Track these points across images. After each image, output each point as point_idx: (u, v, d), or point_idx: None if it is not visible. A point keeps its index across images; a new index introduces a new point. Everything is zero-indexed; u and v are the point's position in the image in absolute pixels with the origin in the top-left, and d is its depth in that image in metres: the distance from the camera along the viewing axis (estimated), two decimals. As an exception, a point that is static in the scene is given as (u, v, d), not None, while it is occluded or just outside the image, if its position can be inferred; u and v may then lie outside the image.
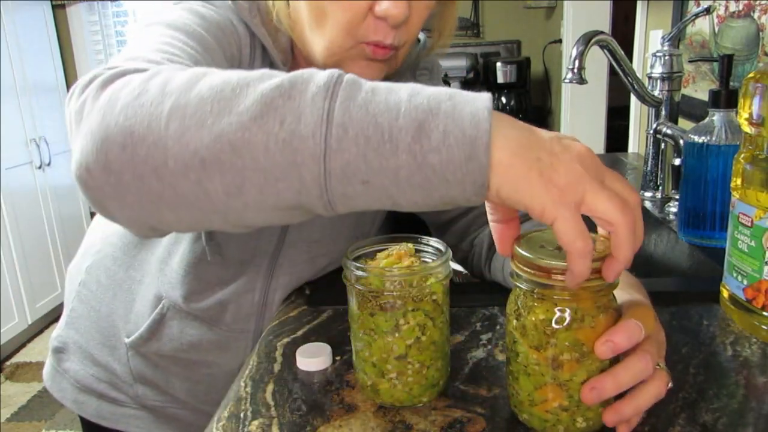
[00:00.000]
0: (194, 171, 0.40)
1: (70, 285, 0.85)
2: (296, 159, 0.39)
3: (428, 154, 0.38)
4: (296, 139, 0.38)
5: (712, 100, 0.82)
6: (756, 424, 0.48)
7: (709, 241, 0.84)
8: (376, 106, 0.39)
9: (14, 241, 2.84)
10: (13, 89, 2.91)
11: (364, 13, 0.61)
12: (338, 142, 0.38)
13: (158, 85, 0.42)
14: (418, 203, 0.40)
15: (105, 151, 0.41)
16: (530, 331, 0.45)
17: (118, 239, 0.78)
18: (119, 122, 0.41)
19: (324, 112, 0.39)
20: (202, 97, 0.40)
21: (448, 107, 0.39)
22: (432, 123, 0.38)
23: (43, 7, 3.19)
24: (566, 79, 0.97)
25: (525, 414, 0.48)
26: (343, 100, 0.39)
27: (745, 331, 0.62)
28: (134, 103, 0.41)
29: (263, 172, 0.39)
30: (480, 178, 0.38)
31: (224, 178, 0.40)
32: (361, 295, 0.50)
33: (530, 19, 2.94)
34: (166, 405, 0.81)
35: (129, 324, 0.78)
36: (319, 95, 0.39)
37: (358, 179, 0.39)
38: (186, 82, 0.42)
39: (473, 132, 0.38)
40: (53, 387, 0.85)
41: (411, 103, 0.39)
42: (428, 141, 0.38)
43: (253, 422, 0.51)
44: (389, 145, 0.38)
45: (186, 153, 0.40)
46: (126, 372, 0.80)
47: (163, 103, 0.41)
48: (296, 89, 0.40)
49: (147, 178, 0.41)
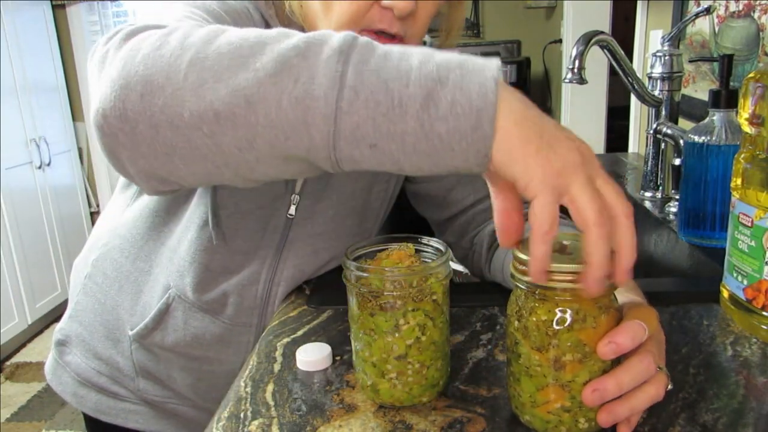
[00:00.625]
0: (208, 123, 0.41)
1: (76, 279, 0.85)
2: (307, 118, 0.40)
3: (435, 123, 0.39)
4: (308, 98, 0.39)
5: (712, 100, 0.82)
6: (756, 424, 0.48)
7: (709, 241, 0.84)
8: (388, 71, 0.40)
9: (14, 241, 2.84)
10: (13, 89, 2.91)
11: (369, 3, 0.62)
12: (349, 104, 0.39)
13: (178, 38, 0.43)
14: (423, 169, 0.41)
15: (123, 99, 0.42)
16: (532, 332, 0.45)
17: (126, 231, 0.79)
18: (139, 71, 0.42)
19: (337, 74, 0.39)
20: (221, 52, 0.42)
21: (456, 77, 0.39)
22: (441, 92, 0.39)
23: (43, 7, 3.19)
24: (566, 79, 0.97)
25: (527, 415, 0.47)
26: (356, 63, 0.40)
27: (745, 331, 0.62)
28: (155, 54, 0.43)
29: (275, 128, 0.40)
30: (483, 148, 0.39)
31: (237, 132, 0.41)
32: (361, 295, 0.50)
33: (530, 19, 2.94)
34: (167, 400, 0.81)
35: (134, 316, 0.78)
36: (333, 57, 0.40)
37: (366, 143, 0.40)
38: (205, 37, 0.43)
39: (480, 103, 0.38)
40: (54, 380, 0.86)
41: (421, 70, 0.40)
42: (436, 110, 0.39)
43: (253, 422, 0.51)
44: (398, 111, 0.39)
45: (202, 105, 0.41)
46: (129, 365, 0.80)
47: (182, 55, 0.42)
48: (311, 50, 0.41)
49: (162, 128, 0.42)
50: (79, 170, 3.44)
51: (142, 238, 0.77)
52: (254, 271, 0.74)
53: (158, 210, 0.76)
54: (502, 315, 0.68)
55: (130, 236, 0.78)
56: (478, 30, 3.00)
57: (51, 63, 3.23)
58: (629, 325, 0.43)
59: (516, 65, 2.52)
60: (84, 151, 3.51)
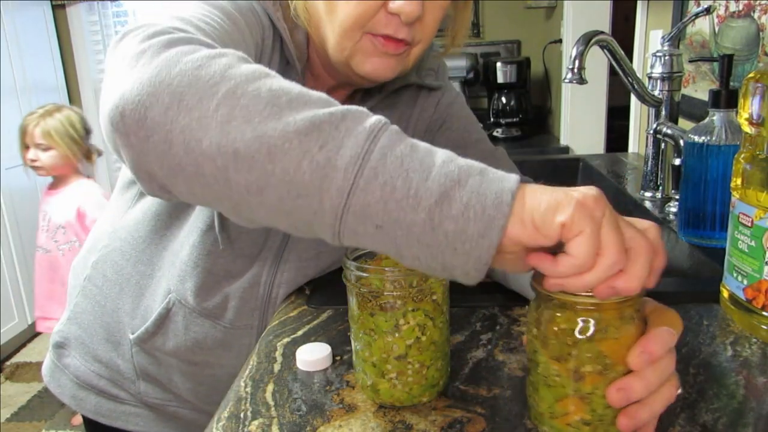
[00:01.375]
0: (224, 158, 0.41)
1: (74, 280, 0.85)
2: (323, 184, 0.40)
3: (445, 220, 0.39)
4: (329, 166, 0.40)
5: (712, 100, 0.82)
6: (756, 424, 0.48)
7: (709, 241, 0.84)
8: (411, 162, 0.40)
9: (14, 241, 2.84)
10: (13, 89, 2.91)
11: (376, 8, 0.62)
12: (366, 182, 0.39)
13: (222, 66, 0.43)
14: (419, 260, 0.41)
15: (147, 105, 0.42)
16: (551, 341, 0.43)
17: (127, 234, 0.78)
18: (173, 84, 0.42)
19: (362, 152, 0.40)
20: (259, 95, 0.42)
21: (475, 182, 0.40)
22: (457, 193, 0.39)
23: (43, 7, 3.19)
24: (566, 79, 0.97)
25: (545, 426, 0.46)
26: (383, 146, 0.41)
27: (745, 331, 0.62)
28: (194, 73, 0.42)
29: (288, 184, 0.40)
30: (486, 256, 0.39)
31: (250, 175, 0.41)
32: (361, 295, 0.50)
33: (530, 19, 2.94)
34: (167, 403, 0.81)
35: (135, 319, 0.77)
36: (363, 134, 0.41)
37: (373, 222, 0.40)
38: (249, 74, 0.43)
39: (493, 212, 0.39)
40: (52, 383, 0.85)
41: (443, 169, 0.40)
42: (449, 208, 0.39)
43: (253, 422, 0.51)
44: (412, 201, 0.39)
45: (224, 140, 0.41)
46: (129, 368, 0.80)
47: (220, 84, 0.42)
48: (346, 123, 0.41)
49: (176, 146, 0.42)
50: (79, 170, 3.44)
51: (144, 241, 0.77)
52: (255, 274, 0.74)
53: (161, 213, 0.76)
54: (502, 315, 0.68)
55: (131, 239, 0.78)
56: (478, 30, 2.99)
57: (51, 63, 3.23)
58: (659, 333, 0.42)
59: (516, 65, 2.51)
60: (84, 151, 3.51)
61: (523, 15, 2.96)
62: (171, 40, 0.46)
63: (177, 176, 0.43)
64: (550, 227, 0.39)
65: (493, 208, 0.39)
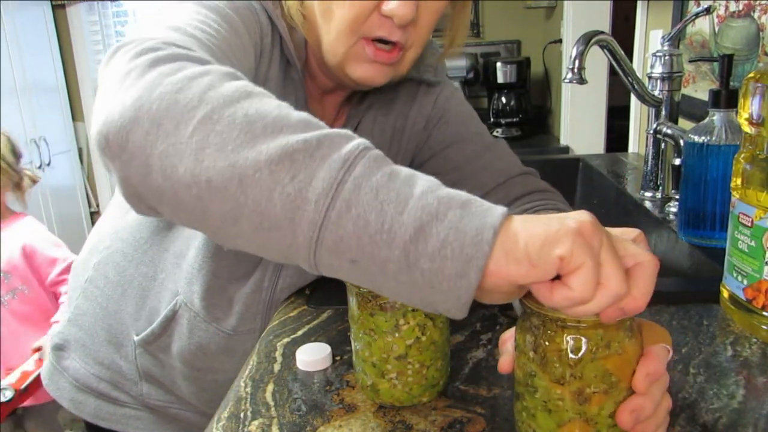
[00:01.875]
0: (198, 187, 0.40)
1: (75, 282, 0.84)
2: (295, 217, 0.38)
3: (421, 258, 0.37)
4: (300, 198, 0.38)
5: (712, 100, 0.82)
6: (756, 424, 0.48)
7: (709, 241, 0.84)
8: (386, 193, 0.38)
9: (14, 241, 2.83)
10: (13, 89, 2.91)
11: (369, 11, 0.62)
12: (338, 216, 0.38)
13: (202, 88, 0.42)
14: (399, 295, 0.40)
15: (128, 130, 0.41)
16: (552, 363, 0.41)
17: (128, 235, 0.78)
18: (152, 109, 0.41)
19: (335, 182, 0.38)
20: (234, 121, 0.40)
21: (454, 216, 0.37)
22: (435, 228, 0.37)
23: (43, 7, 3.19)
24: (566, 79, 0.97)
25: None
26: (357, 176, 0.38)
27: (745, 331, 0.62)
28: (172, 97, 0.41)
29: (261, 215, 0.39)
30: (465, 296, 0.37)
31: (224, 205, 0.40)
32: (361, 295, 0.50)
33: (530, 19, 2.94)
34: (169, 405, 0.81)
35: (140, 321, 0.77)
36: (337, 163, 0.39)
37: (347, 257, 0.38)
38: (228, 96, 0.42)
39: (471, 250, 0.36)
40: (51, 385, 0.85)
41: (421, 201, 0.38)
42: (425, 245, 0.37)
43: (253, 422, 0.51)
44: (386, 236, 0.37)
45: (197, 168, 0.40)
46: (132, 370, 0.80)
47: (197, 108, 0.41)
48: (321, 150, 0.39)
49: (155, 173, 0.41)
50: (79, 170, 3.44)
51: (146, 242, 0.76)
52: (258, 279, 0.73)
53: None
54: (502, 315, 0.68)
55: (133, 240, 0.77)
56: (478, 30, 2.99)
57: (51, 63, 3.23)
58: (658, 352, 0.41)
59: (516, 65, 2.51)
60: (84, 151, 3.51)
61: (523, 15, 2.96)
62: (156, 59, 0.45)
63: (160, 201, 0.42)
64: (547, 263, 0.36)
65: (472, 247, 0.36)
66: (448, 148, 0.80)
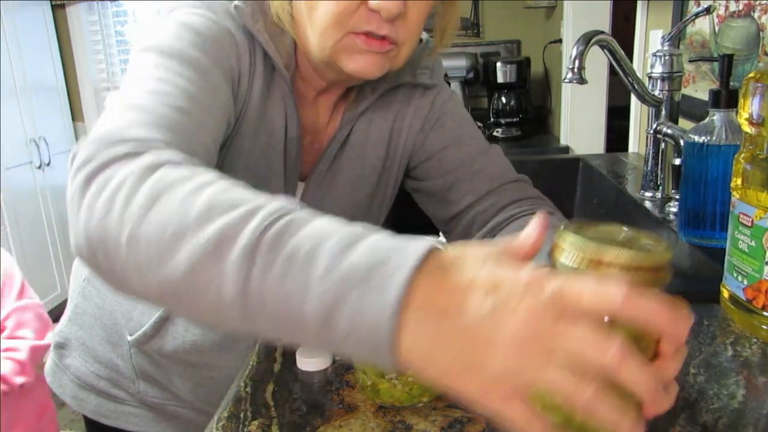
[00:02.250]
0: (155, 300, 0.45)
1: (75, 281, 0.85)
2: (227, 321, 0.41)
3: (337, 342, 0.37)
4: (222, 304, 0.40)
5: (712, 100, 0.82)
6: (756, 424, 0.48)
7: (709, 241, 0.84)
8: (290, 282, 0.37)
9: (14, 241, 2.84)
10: (13, 89, 2.91)
11: (356, 5, 0.61)
12: (255, 314, 0.39)
13: (119, 205, 0.44)
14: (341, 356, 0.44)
15: (94, 251, 0.45)
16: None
17: None
18: (99, 236, 0.44)
19: (239, 287, 0.38)
20: (150, 239, 0.42)
21: (356, 296, 0.35)
22: (339, 314, 0.36)
23: (43, 7, 3.18)
24: (566, 79, 0.97)
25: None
26: (261, 267, 0.38)
27: (745, 331, 0.62)
28: (103, 223, 0.44)
29: (202, 319, 0.43)
30: (393, 366, 0.36)
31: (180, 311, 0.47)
32: (361, 295, 0.50)
33: (530, 19, 2.94)
34: (167, 402, 0.81)
35: (132, 321, 0.78)
36: (238, 260, 0.38)
37: (281, 340, 0.43)
38: (141, 208, 0.43)
39: (374, 336, 0.35)
40: (54, 383, 0.86)
41: (321, 286, 0.36)
42: (336, 331, 0.36)
43: (253, 422, 0.51)
44: (298, 328, 0.38)
45: (142, 288, 0.43)
46: (129, 368, 0.80)
47: (121, 232, 0.43)
48: (222, 247, 0.39)
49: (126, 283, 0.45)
50: (79, 170, 3.44)
51: None
52: None
53: None
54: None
55: None
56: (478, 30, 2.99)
57: (51, 63, 3.23)
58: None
59: (516, 65, 2.51)
60: (84, 151, 3.51)
61: (523, 15, 2.96)
62: (87, 177, 0.46)
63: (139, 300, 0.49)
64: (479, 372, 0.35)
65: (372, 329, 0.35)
66: (444, 151, 0.80)
